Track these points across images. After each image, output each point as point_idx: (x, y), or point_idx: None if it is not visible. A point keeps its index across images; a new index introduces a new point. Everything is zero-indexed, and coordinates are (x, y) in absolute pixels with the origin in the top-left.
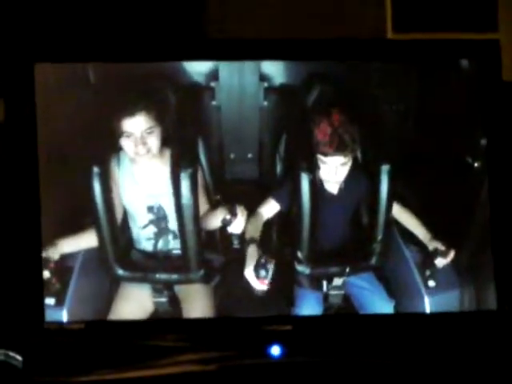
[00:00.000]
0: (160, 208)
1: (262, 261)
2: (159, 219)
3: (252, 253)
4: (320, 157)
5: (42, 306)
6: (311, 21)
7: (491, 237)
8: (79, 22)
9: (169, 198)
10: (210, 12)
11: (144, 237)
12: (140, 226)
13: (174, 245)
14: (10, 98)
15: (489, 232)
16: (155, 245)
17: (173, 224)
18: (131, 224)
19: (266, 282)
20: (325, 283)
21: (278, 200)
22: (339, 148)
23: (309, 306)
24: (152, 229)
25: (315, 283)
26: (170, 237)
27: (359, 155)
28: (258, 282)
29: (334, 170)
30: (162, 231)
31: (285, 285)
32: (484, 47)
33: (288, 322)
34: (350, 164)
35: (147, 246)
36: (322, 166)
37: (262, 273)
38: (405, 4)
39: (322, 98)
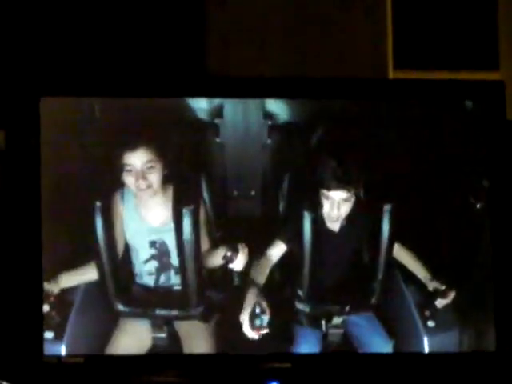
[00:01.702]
0: (163, 243)
1: (258, 311)
2: (161, 254)
3: (251, 297)
4: (323, 191)
5: (41, 340)
6: (312, 58)
7: (492, 278)
8: (84, 57)
9: (172, 234)
10: (211, 49)
11: (145, 271)
12: (142, 260)
13: (175, 280)
14: (14, 130)
15: (490, 273)
16: (157, 280)
17: (175, 260)
18: (133, 258)
19: (261, 332)
20: (323, 322)
21: (285, 241)
22: (342, 182)
23: (308, 344)
24: (154, 264)
25: (314, 321)
26: (172, 272)
27: (362, 193)
28: (253, 331)
29: (336, 206)
30: (164, 266)
31: (284, 323)
32: (488, 88)
33: (287, 359)
34: (352, 201)
35: (148, 280)
36: (324, 201)
37: (257, 322)
38: (406, 41)
39: (325, 137)
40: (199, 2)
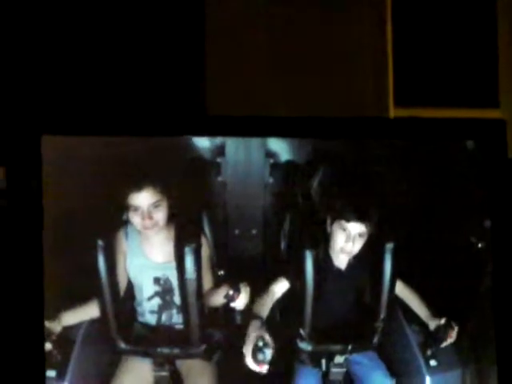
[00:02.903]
0: (167, 280)
1: (260, 344)
2: (165, 291)
3: (253, 331)
4: (341, 222)
5: (43, 379)
6: (313, 97)
7: (494, 318)
8: (86, 95)
9: (176, 271)
10: (209, 87)
11: (148, 309)
12: (146, 297)
13: (177, 319)
14: (15, 168)
15: (491, 313)
16: (159, 318)
17: (178, 298)
18: (137, 295)
19: (264, 365)
20: (324, 361)
21: (288, 278)
22: (363, 216)
23: (309, 382)
24: (157, 301)
25: (316, 360)
26: (174, 311)
27: (375, 231)
28: (257, 365)
29: (352, 239)
30: (167, 304)
31: (286, 361)
32: (490, 127)
33: None
34: (365, 238)
35: (150, 319)
36: (340, 233)
37: (260, 356)
38: (406, 78)
39: (326, 175)
40: (199, 39)
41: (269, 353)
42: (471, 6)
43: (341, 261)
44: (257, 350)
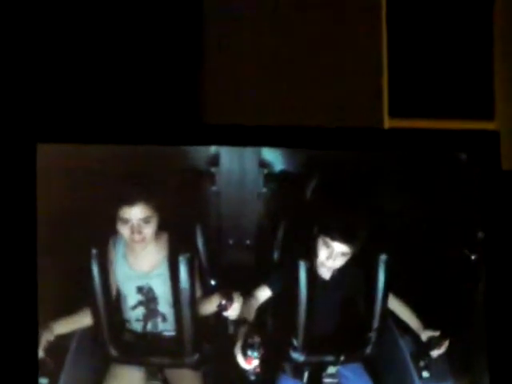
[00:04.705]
0: (150, 289)
1: (250, 340)
2: (148, 301)
3: (242, 332)
4: (326, 239)
5: None
6: (307, 105)
7: (486, 329)
8: (82, 103)
9: (160, 281)
10: (205, 95)
11: (133, 317)
12: (129, 306)
13: (163, 327)
14: (9, 177)
15: (484, 324)
16: (144, 326)
17: (162, 307)
18: (122, 304)
19: (253, 361)
20: (306, 373)
21: (270, 286)
22: (348, 239)
23: None
24: (141, 310)
25: (299, 372)
26: (159, 319)
27: (358, 249)
28: (245, 361)
29: (334, 257)
30: (151, 313)
31: (274, 371)
32: (483, 139)
33: None
34: (349, 256)
35: (137, 326)
36: (322, 248)
37: (249, 352)
38: (401, 89)
39: (321, 186)
40: (196, 48)
41: (258, 348)
42: (467, 16)
43: (324, 272)
44: (246, 346)
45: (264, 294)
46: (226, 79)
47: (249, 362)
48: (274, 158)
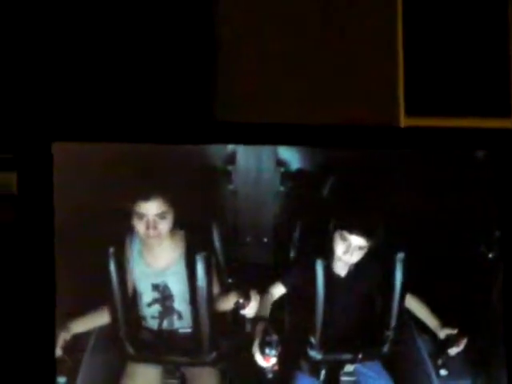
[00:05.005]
0: (166, 287)
1: (268, 338)
2: (164, 298)
3: (259, 330)
4: (343, 232)
5: None
6: (320, 103)
7: (504, 327)
8: (96, 102)
9: (176, 278)
10: (218, 94)
11: (149, 315)
12: (145, 304)
13: (179, 325)
14: (26, 175)
15: (501, 322)
16: (160, 324)
17: (178, 304)
18: (138, 302)
19: (271, 359)
20: (323, 372)
21: (284, 283)
22: (367, 232)
23: None
24: (157, 307)
25: (320, 370)
26: (175, 317)
27: (377, 245)
28: (263, 359)
29: (351, 251)
30: (167, 311)
31: (291, 369)
32: (500, 137)
33: None
34: (366, 251)
35: (153, 324)
36: (339, 243)
37: (267, 350)
38: (417, 88)
39: (337, 185)
40: (209, 42)
41: (276, 346)
42: (482, 14)
43: (340, 269)
44: (264, 344)
45: (278, 290)
46: (240, 77)
47: (267, 360)
48: (291, 156)
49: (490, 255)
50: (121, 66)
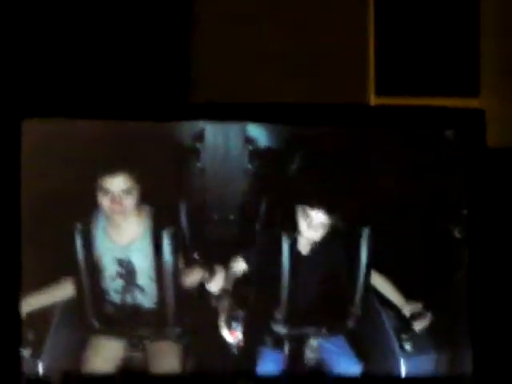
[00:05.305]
0: (129, 262)
1: (234, 313)
2: (127, 273)
3: (225, 305)
4: (305, 208)
5: (18, 358)
6: (293, 82)
7: (468, 304)
8: (67, 79)
9: (140, 254)
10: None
11: (113, 289)
12: (109, 277)
13: (142, 300)
14: None
15: (466, 299)
16: (123, 298)
17: (141, 279)
18: (102, 276)
19: (237, 334)
20: (287, 345)
21: (245, 258)
22: (328, 206)
23: (274, 365)
24: (120, 282)
25: (284, 344)
26: (138, 292)
27: (340, 223)
28: (229, 333)
29: (314, 227)
30: (130, 285)
31: (256, 344)
32: (469, 117)
33: (252, 380)
34: (329, 228)
35: (116, 298)
36: (301, 220)
37: (233, 325)
38: (387, 67)
39: (304, 162)
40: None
41: (241, 321)
42: None
43: (304, 245)
44: (230, 319)
45: (239, 266)
46: (213, 57)
47: (233, 335)
48: (259, 134)
49: (457, 233)
50: (94, 44)
